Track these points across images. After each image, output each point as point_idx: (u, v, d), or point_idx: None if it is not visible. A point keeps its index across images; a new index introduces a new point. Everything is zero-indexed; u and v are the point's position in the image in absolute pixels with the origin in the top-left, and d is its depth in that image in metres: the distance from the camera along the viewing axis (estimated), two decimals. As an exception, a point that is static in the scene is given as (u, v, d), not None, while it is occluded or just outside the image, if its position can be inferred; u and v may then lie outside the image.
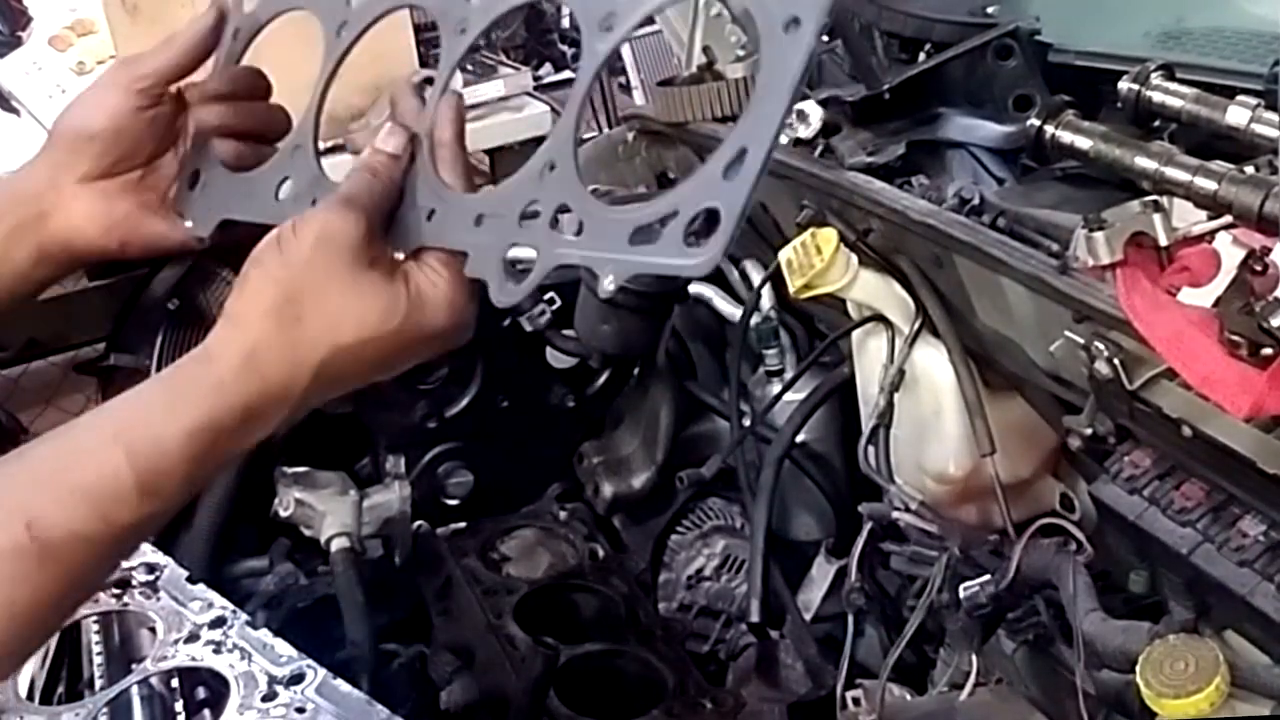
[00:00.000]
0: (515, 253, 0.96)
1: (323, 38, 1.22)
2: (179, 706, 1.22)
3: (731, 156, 0.83)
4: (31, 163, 1.32)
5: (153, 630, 1.22)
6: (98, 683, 1.27)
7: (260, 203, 1.23)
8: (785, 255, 1.45)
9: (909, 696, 1.45)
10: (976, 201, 1.46)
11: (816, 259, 1.41)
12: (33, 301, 1.40)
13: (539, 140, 1.04)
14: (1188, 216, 1.19)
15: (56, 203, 1.28)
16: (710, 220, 0.83)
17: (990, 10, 1.61)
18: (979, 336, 1.44)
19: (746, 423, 1.72)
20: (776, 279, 1.60)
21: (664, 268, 0.85)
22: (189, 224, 1.32)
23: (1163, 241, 1.14)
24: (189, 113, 1.27)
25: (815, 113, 1.58)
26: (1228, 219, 1.15)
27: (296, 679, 1.11)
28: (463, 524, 1.83)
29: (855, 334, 1.57)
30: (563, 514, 1.83)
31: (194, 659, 1.16)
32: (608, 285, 0.86)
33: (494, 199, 1.01)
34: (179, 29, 1.28)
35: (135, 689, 1.20)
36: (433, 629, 1.66)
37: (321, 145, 1.22)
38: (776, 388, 1.74)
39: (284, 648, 1.14)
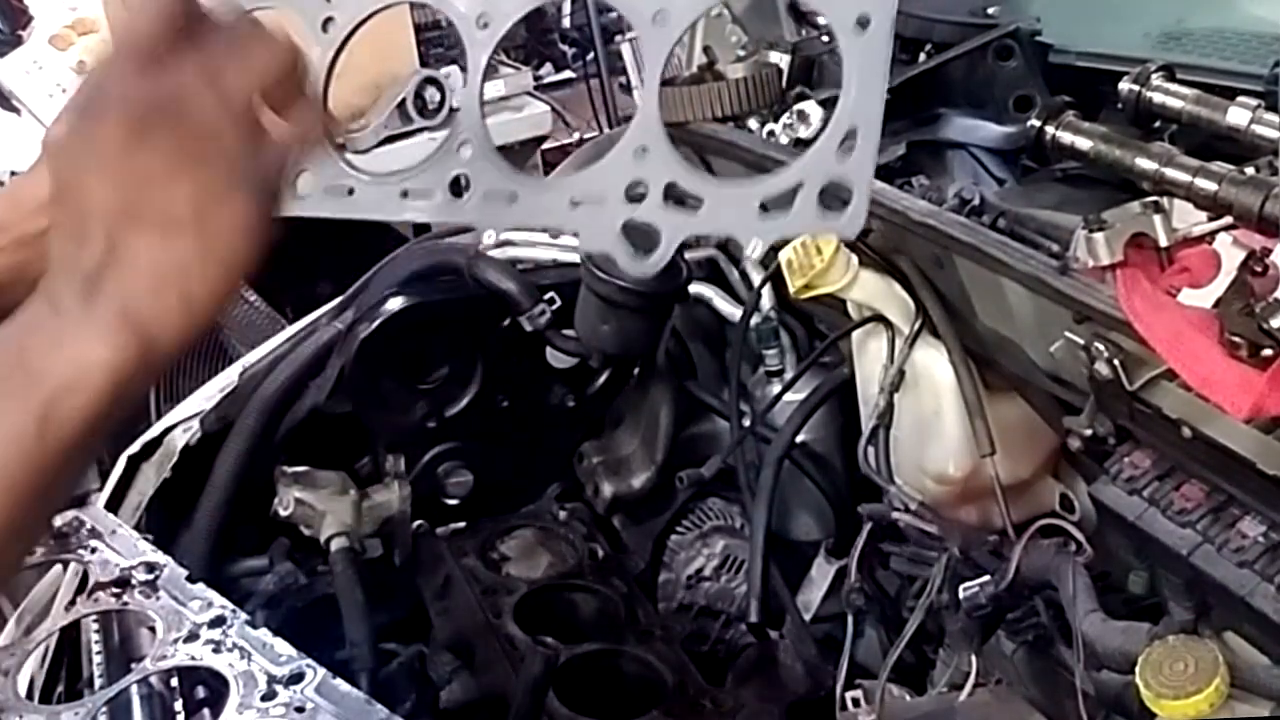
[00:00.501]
0: (634, 227, 0.97)
1: (308, 34, 1.22)
2: (178, 706, 1.22)
3: (843, 135, 0.87)
4: (31, 173, 1.32)
5: (152, 629, 1.22)
6: (97, 682, 1.27)
7: (279, 198, 1.24)
8: (785, 255, 1.45)
9: (908, 697, 1.45)
10: (977, 202, 1.46)
11: (817, 259, 1.41)
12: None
13: (539, 140, 1.05)
14: (1188, 217, 1.19)
15: None
16: (837, 192, 0.87)
17: (991, 11, 1.61)
18: (979, 337, 1.44)
19: (746, 423, 1.72)
20: (777, 279, 1.60)
21: (810, 229, 0.89)
22: None
23: (1163, 242, 1.14)
24: None
25: (816, 113, 1.58)
26: (1228, 220, 1.15)
27: (296, 678, 1.11)
28: (462, 524, 1.83)
29: (855, 334, 1.57)
30: (562, 514, 1.83)
31: (193, 658, 1.16)
32: (755, 253, 0.89)
33: (585, 182, 1.01)
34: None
35: (135, 688, 1.20)
36: (432, 628, 1.66)
37: (389, 171, 1.22)
38: (776, 388, 1.74)
39: (283, 647, 1.14)
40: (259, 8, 1.29)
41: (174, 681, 1.22)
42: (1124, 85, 1.37)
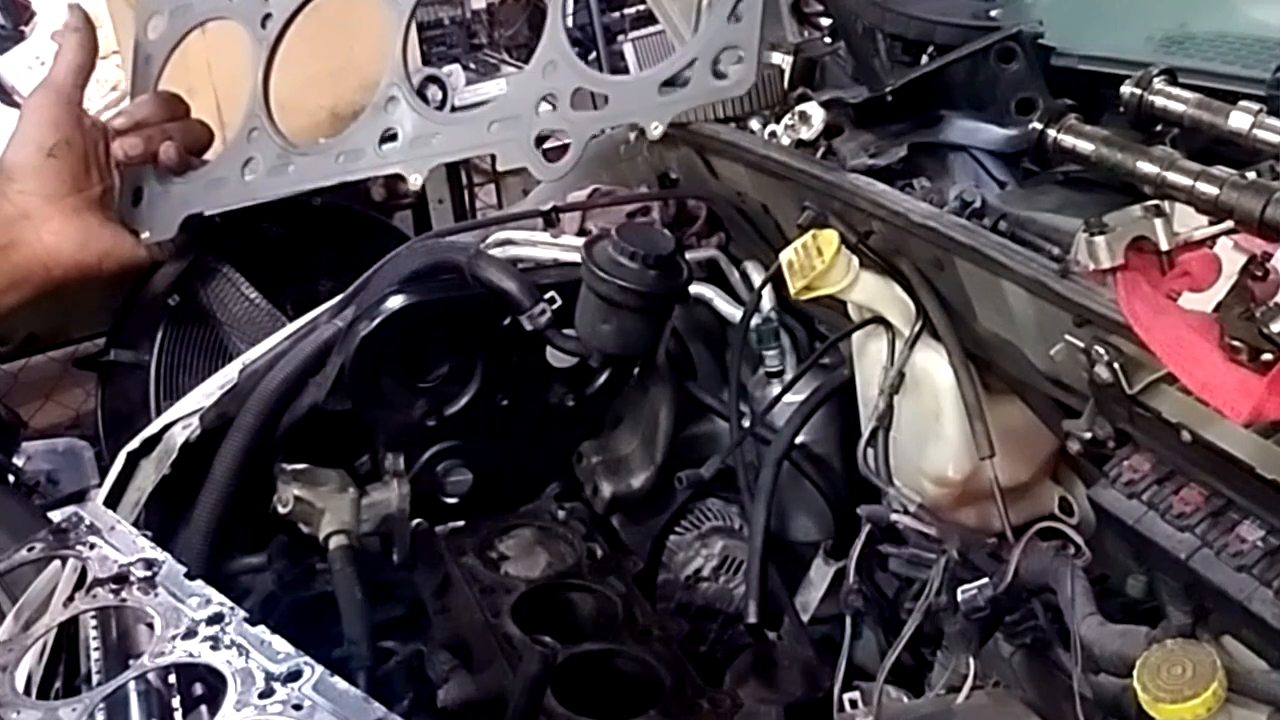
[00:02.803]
0: (543, 135, 1.02)
1: (247, 35, 1.25)
2: (176, 702, 1.22)
3: (732, 5, 0.92)
4: None
5: (150, 626, 1.21)
6: (95, 678, 1.27)
7: (228, 190, 1.27)
8: (786, 256, 1.45)
9: (906, 699, 1.45)
10: (978, 204, 1.46)
11: (817, 260, 1.41)
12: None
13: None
14: (1189, 221, 1.19)
15: (28, 228, 1.31)
16: (729, 58, 0.93)
17: (993, 14, 1.61)
18: (979, 339, 1.44)
19: (746, 424, 1.72)
20: (777, 280, 1.60)
21: (706, 98, 0.95)
22: (146, 234, 1.35)
23: (1164, 246, 1.14)
24: (117, 141, 1.31)
25: (817, 114, 1.58)
26: (1229, 224, 1.15)
27: (294, 676, 1.10)
28: (461, 522, 1.82)
29: (855, 336, 1.57)
30: (561, 513, 1.83)
31: (191, 655, 1.15)
32: (655, 131, 0.96)
33: (499, 106, 1.05)
34: (59, 39, 1.36)
35: (132, 685, 1.20)
36: (430, 627, 1.66)
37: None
38: (776, 389, 1.74)
39: (281, 644, 1.14)
40: (206, 19, 1.31)
41: (171, 678, 1.22)
42: (1126, 89, 1.37)
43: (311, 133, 3.20)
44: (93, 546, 1.28)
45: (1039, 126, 1.41)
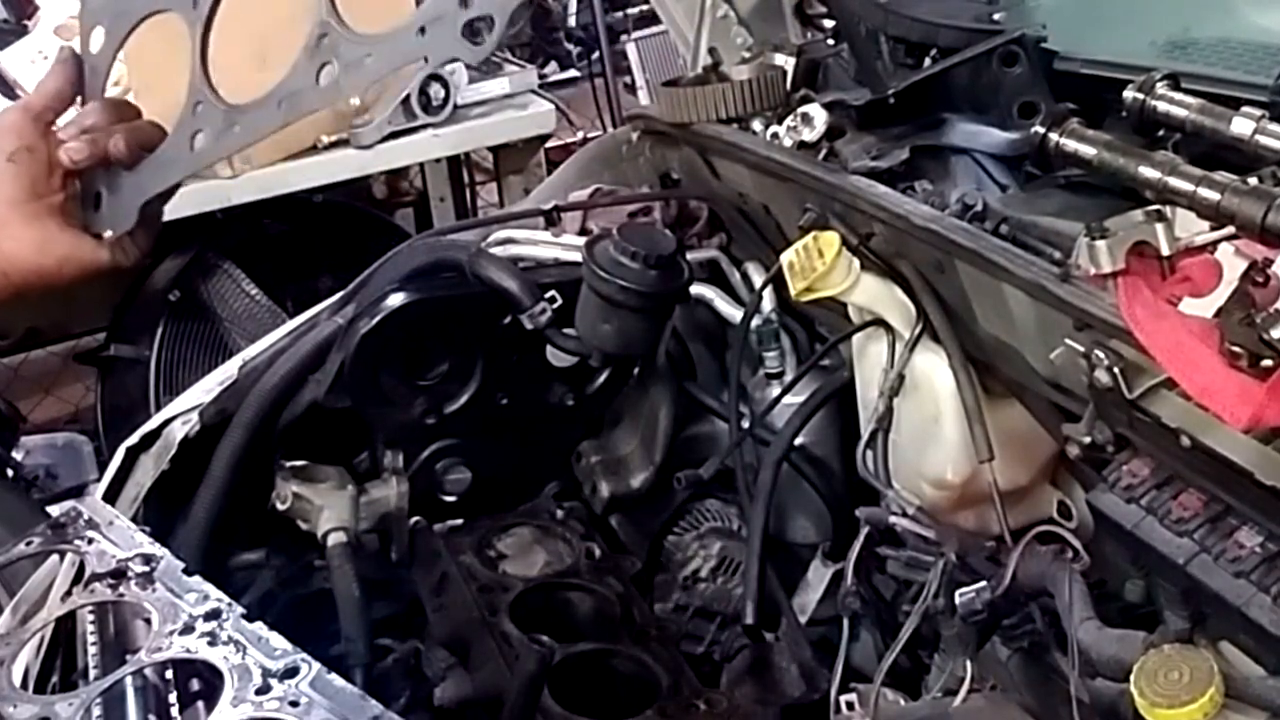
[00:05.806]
0: (471, 21, 1.06)
1: (182, 19, 1.27)
2: (173, 698, 1.22)
3: None
4: None
5: (148, 621, 1.21)
6: (92, 673, 1.27)
7: (176, 164, 1.28)
8: (787, 258, 1.45)
9: (903, 701, 1.45)
10: (979, 208, 1.46)
11: (818, 262, 1.41)
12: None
13: (543, 138, 1.10)
14: (1190, 227, 1.19)
15: None
16: None
17: (996, 17, 1.61)
18: (979, 342, 1.44)
19: (745, 425, 1.72)
20: (778, 281, 1.60)
21: None
22: (109, 233, 1.36)
23: (1165, 251, 1.14)
24: (62, 148, 1.33)
25: (820, 116, 1.58)
26: (1230, 230, 1.15)
27: (291, 673, 1.10)
28: (460, 520, 1.83)
29: (856, 338, 1.57)
30: (560, 513, 1.83)
31: (188, 651, 1.15)
32: None
33: (425, 11, 1.09)
34: (48, 71, 1.38)
35: (129, 680, 1.20)
36: (427, 625, 1.66)
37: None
38: (776, 390, 1.74)
39: (279, 641, 1.14)
40: (143, 18, 1.33)
41: (169, 674, 1.22)
42: (1128, 93, 1.37)
43: (310, 132, 3.20)
44: (91, 541, 1.28)
45: (1041, 130, 1.41)
